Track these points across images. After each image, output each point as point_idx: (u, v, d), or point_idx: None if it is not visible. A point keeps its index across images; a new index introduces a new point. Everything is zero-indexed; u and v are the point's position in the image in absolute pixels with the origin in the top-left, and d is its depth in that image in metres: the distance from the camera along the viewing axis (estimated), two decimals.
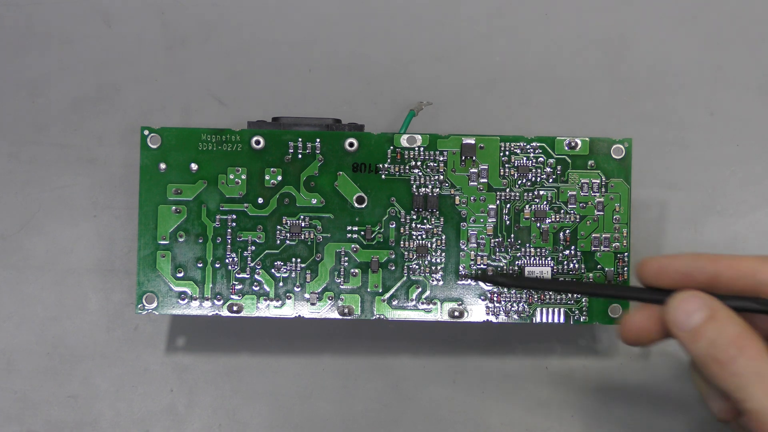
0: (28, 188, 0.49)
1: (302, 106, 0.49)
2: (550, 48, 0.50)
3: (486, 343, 0.48)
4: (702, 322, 0.37)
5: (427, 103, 0.47)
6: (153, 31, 0.50)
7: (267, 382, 0.48)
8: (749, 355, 0.36)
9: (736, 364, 0.36)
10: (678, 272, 0.38)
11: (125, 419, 0.48)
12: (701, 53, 0.50)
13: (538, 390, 0.48)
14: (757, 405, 0.35)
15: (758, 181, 0.49)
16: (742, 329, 0.36)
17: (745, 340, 0.36)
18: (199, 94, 0.50)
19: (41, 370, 0.48)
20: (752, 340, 0.36)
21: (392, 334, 0.48)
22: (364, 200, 0.44)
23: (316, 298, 0.44)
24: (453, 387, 0.48)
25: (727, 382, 0.36)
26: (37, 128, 0.49)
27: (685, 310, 0.37)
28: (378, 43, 0.50)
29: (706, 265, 0.38)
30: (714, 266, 0.38)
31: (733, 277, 0.37)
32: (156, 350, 0.48)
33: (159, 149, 0.44)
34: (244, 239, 0.44)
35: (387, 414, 0.48)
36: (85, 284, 0.48)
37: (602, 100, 0.49)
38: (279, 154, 0.44)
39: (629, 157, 0.44)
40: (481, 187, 0.44)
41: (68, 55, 0.50)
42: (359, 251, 0.44)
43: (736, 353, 0.36)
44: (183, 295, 0.44)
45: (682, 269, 0.38)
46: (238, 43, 0.50)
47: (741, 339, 0.36)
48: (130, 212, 0.48)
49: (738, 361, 0.36)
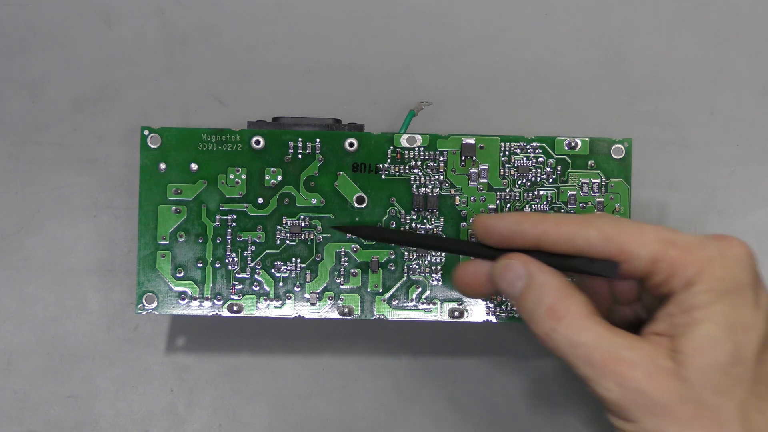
0: (28, 188, 0.49)
1: (302, 106, 0.49)
2: (550, 48, 0.50)
3: (486, 343, 0.48)
4: (522, 291, 0.37)
5: (427, 103, 0.47)
6: (153, 31, 0.50)
7: (267, 382, 0.48)
8: (563, 327, 0.35)
9: (552, 339, 0.36)
10: (502, 234, 0.38)
11: (125, 419, 0.48)
12: (701, 53, 0.50)
13: (537, 390, 0.48)
14: (580, 373, 0.35)
15: (758, 181, 0.49)
16: (558, 295, 0.36)
17: (560, 308, 0.36)
18: (199, 94, 0.50)
19: (41, 370, 0.48)
20: (568, 306, 0.36)
21: (392, 334, 0.48)
22: (364, 200, 0.44)
23: (316, 298, 0.44)
24: (453, 387, 0.48)
25: (554, 353, 0.36)
26: (37, 128, 0.49)
27: (507, 279, 0.37)
28: (378, 43, 0.50)
29: (528, 228, 0.37)
30: (538, 228, 0.37)
31: (555, 240, 0.37)
32: (156, 350, 0.48)
33: (159, 149, 0.44)
34: (244, 239, 0.44)
35: (387, 414, 0.48)
36: (85, 284, 0.48)
37: (602, 100, 0.49)
38: (279, 154, 0.44)
39: (629, 157, 0.44)
40: (481, 187, 0.44)
41: (68, 55, 0.50)
42: (359, 251, 0.44)
43: (552, 326, 0.36)
44: (183, 295, 0.44)
45: (507, 230, 0.38)
46: (238, 43, 0.50)
47: (555, 308, 0.36)
48: (130, 212, 0.48)
49: (553, 335, 0.36)
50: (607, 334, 0.35)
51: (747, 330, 0.34)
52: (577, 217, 0.37)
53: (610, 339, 0.35)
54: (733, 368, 0.34)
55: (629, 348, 0.35)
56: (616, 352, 0.35)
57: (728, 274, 0.35)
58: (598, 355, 0.35)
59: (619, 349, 0.35)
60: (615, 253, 0.36)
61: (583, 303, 0.36)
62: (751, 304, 0.35)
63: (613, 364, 0.34)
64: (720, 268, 0.35)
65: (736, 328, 0.34)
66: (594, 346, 0.35)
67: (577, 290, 0.37)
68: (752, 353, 0.34)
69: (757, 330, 0.35)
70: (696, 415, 0.34)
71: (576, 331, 0.35)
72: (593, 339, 0.35)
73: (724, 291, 0.35)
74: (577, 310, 0.36)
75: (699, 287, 0.35)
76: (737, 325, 0.34)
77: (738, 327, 0.34)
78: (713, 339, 0.34)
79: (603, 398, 0.35)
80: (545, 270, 0.37)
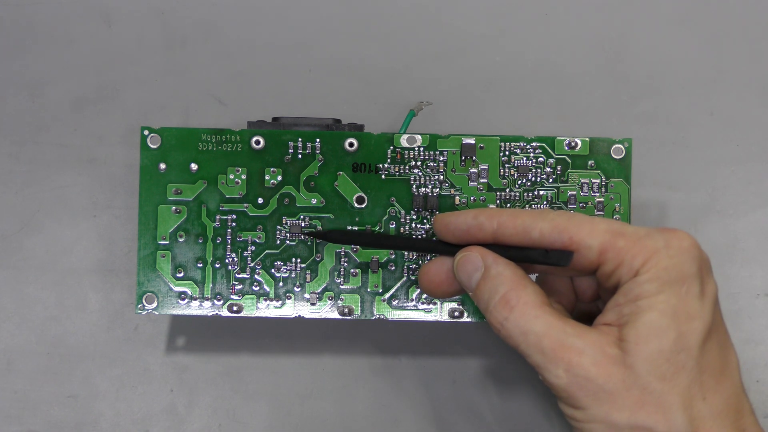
0: (28, 188, 0.49)
1: (302, 106, 0.49)
2: (550, 48, 0.50)
3: (486, 343, 0.48)
4: (478, 282, 0.38)
5: (427, 103, 0.47)
6: (153, 31, 0.50)
7: (267, 382, 0.48)
8: (515, 316, 0.36)
9: (506, 328, 0.37)
10: (462, 229, 0.39)
11: (125, 419, 0.48)
12: (701, 53, 0.50)
13: (538, 390, 0.48)
14: (531, 361, 0.36)
15: (758, 181, 0.49)
16: (511, 285, 0.37)
17: (512, 298, 0.37)
18: (199, 94, 0.50)
19: (41, 370, 0.48)
20: (520, 297, 0.37)
21: (392, 334, 0.48)
22: (364, 200, 0.44)
23: (316, 298, 0.44)
24: (453, 387, 0.48)
25: (507, 342, 0.37)
26: (37, 128, 0.49)
27: (465, 271, 0.38)
28: (378, 43, 0.50)
29: (485, 222, 0.38)
30: (493, 222, 0.38)
31: (511, 232, 0.38)
32: (156, 350, 0.48)
33: (159, 149, 0.44)
34: (244, 239, 0.44)
35: (387, 414, 0.48)
36: (85, 284, 0.49)
37: (602, 100, 0.49)
38: (279, 154, 0.44)
39: (629, 157, 0.44)
40: (481, 187, 0.44)
41: (68, 55, 0.50)
42: (359, 251, 0.44)
43: (505, 316, 0.36)
44: (183, 295, 0.44)
45: (465, 226, 0.39)
46: (238, 43, 0.50)
47: (508, 297, 0.37)
48: (130, 212, 0.48)
49: (506, 324, 0.36)
50: (558, 323, 0.36)
51: (691, 319, 0.35)
52: (531, 211, 0.38)
53: (559, 327, 0.36)
54: (677, 356, 0.35)
55: (578, 336, 0.36)
56: (565, 340, 0.35)
57: (673, 263, 0.35)
58: (547, 342, 0.36)
59: (568, 337, 0.35)
60: (567, 244, 0.37)
61: (536, 293, 0.37)
62: (695, 294, 0.36)
63: (561, 352, 0.35)
64: (665, 258, 0.35)
65: (680, 317, 0.35)
66: (544, 334, 0.36)
67: (531, 281, 0.38)
68: (696, 342, 0.35)
69: (701, 319, 0.35)
70: (641, 402, 0.35)
71: (527, 319, 0.36)
72: (544, 327, 0.36)
73: (668, 280, 0.35)
74: (529, 300, 0.37)
75: (644, 276, 0.35)
76: (681, 314, 0.35)
77: (682, 316, 0.35)
78: (657, 327, 0.35)
79: (552, 385, 0.36)
80: (500, 261, 0.38)
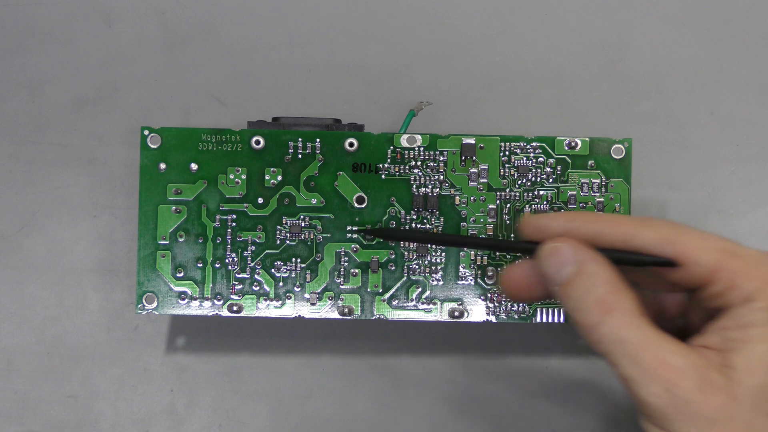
0: (28, 188, 0.49)
1: (302, 106, 0.49)
2: (550, 48, 0.50)
3: (486, 343, 0.48)
4: (570, 277, 0.35)
5: (427, 103, 0.47)
6: (153, 31, 0.50)
7: (267, 382, 0.48)
8: (612, 321, 0.34)
9: (598, 332, 0.34)
10: (555, 233, 0.36)
11: (125, 419, 0.48)
12: (701, 53, 0.50)
13: (538, 390, 0.48)
14: (622, 372, 0.33)
15: (758, 181, 0.49)
16: (609, 288, 0.34)
17: (610, 302, 0.34)
18: (199, 94, 0.50)
19: (41, 370, 0.48)
20: (618, 301, 0.34)
21: (392, 334, 0.48)
22: (364, 200, 0.44)
23: (316, 298, 0.44)
24: (453, 387, 0.48)
25: (593, 347, 0.34)
26: (37, 128, 0.49)
27: (556, 262, 0.36)
28: (378, 43, 0.50)
29: (582, 226, 0.36)
30: (591, 227, 0.36)
31: (610, 240, 0.35)
32: (156, 350, 0.48)
33: (159, 149, 0.44)
34: (244, 239, 0.44)
35: (387, 414, 0.48)
36: (85, 284, 0.48)
37: (602, 100, 0.49)
38: (279, 154, 0.44)
39: (629, 157, 0.44)
40: (481, 187, 0.44)
41: (68, 55, 0.50)
42: (359, 251, 0.44)
43: (599, 319, 0.34)
44: (183, 295, 0.44)
45: (559, 229, 0.36)
46: (238, 43, 0.50)
47: (605, 301, 0.34)
48: (130, 212, 0.48)
49: (600, 328, 0.34)
50: (656, 337, 0.33)
51: None
52: (633, 218, 0.36)
53: (659, 342, 0.33)
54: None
55: (680, 355, 0.33)
56: (666, 357, 0.33)
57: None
58: (646, 356, 0.33)
59: (669, 355, 0.33)
60: (672, 258, 0.34)
61: (634, 300, 0.34)
62: None
63: (661, 369, 0.33)
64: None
65: None
66: (643, 346, 0.33)
67: (629, 287, 0.35)
68: None
69: None
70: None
71: (625, 327, 0.34)
72: (642, 339, 0.33)
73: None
74: (627, 306, 0.34)
75: (759, 304, 0.33)
76: None
77: None
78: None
79: (646, 403, 0.33)
80: (598, 259, 0.35)
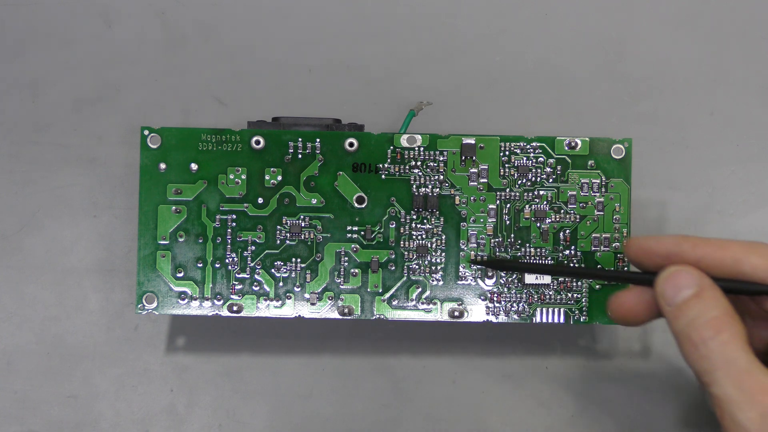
0: (28, 188, 0.49)
1: (302, 106, 0.49)
2: (550, 48, 0.50)
3: (486, 343, 0.48)
4: (688, 299, 0.36)
5: (427, 103, 0.47)
6: (153, 31, 0.50)
7: (267, 382, 0.48)
8: (722, 340, 0.35)
9: (707, 347, 0.35)
10: (661, 255, 0.38)
11: (125, 419, 0.48)
12: (701, 53, 0.50)
13: (538, 390, 0.48)
14: (721, 392, 0.35)
15: (758, 181, 0.49)
16: (724, 312, 0.36)
17: (724, 323, 0.35)
18: (199, 94, 0.50)
19: (41, 370, 0.48)
20: (731, 325, 0.35)
21: (392, 334, 0.48)
22: (364, 200, 0.44)
23: (316, 298, 0.44)
24: (453, 387, 0.48)
25: (696, 364, 0.35)
26: (37, 128, 0.49)
27: (675, 284, 0.37)
28: (378, 43, 0.50)
29: (689, 250, 0.37)
30: (698, 251, 0.37)
31: (717, 264, 0.37)
32: (156, 350, 0.48)
33: (159, 149, 0.44)
34: (244, 239, 0.44)
35: (387, 414, 0.48)
36: (85, 284, 0.48)
37: (602, 100, 0.49)
38: (279, 154, 0.44)
39: (629, 157, 0.44)
40: (481, 187, 0.44)
41: (68, 55, 0.50)
42: (359, 251, 0.44)
43: (711, 335, 0.35)
44: (183, 295, 0.44)
45: (665, 252, 0.38)
46: (238, 43, 0.50)
47: (719, 321, 0.35)
48: (130, 212, 0.48)
49: (709, 344, 0.35)
50: (760, 366, 0.35)
51: None
52: (740, 242, 0.37)
53: (763, 371, 0.34)
54: None
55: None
56: None
57: None
58: (749, 381, 0.34)
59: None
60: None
61: (744, 330, 0.36)
62: None
63: (762, 395, 0.34)
64: None
65: None
66: (748, 370, 0.34)
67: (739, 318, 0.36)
68: None
69: None
70: None
71: (735, 349, 0.35)
72: (748, 364, 0.34)
73: None
74: (738, 332, 0.35)
75: None
76: None
77: None
78: None
79: (739, 425, 0.34)
80: (716, 287, 0.36)
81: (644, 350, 0.48)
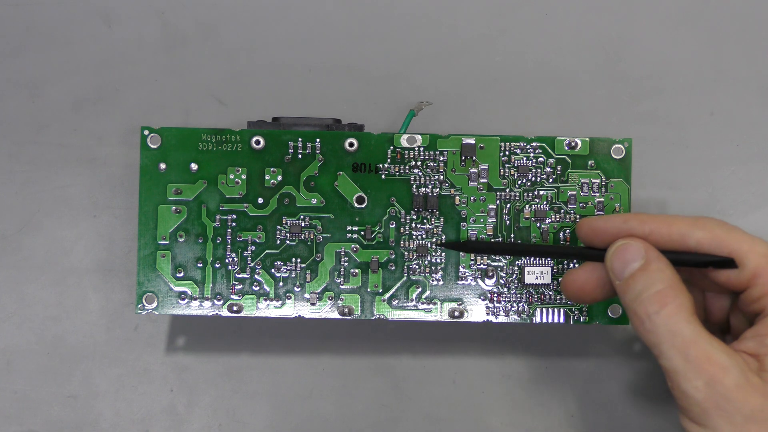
0: (28, 188, 0.49)
1: (302, 106, 0.49)
2: (550, 48, 0.50)
3: (486, 343, 0.48)
4: (634, 272, 0.37)
5: (427, 103, 0.47)
6: (153, 31, 0.50)
7: (267, 382, 0.48)
8: (666, 313, 0.35)
9: (652, 321, 0.36)
10: (611, 233, 0.38)
11: (125, 419, 0.48)
12: (701, 53, 0.50)
13: (538, 390, 0.48)
14: (668, 363, 0.35)
15: (758, 181, 0.49)
16: (669, 285, 0.36)
17: (668, 296, 0.36)
18: (199, 94, 0.50)
19: (41, 370, 0.48)
20: (675, 297, 0.36)
21: (392, 334, 0.48)
22: (364, 200, 0.44)
23: (316, 298, 0.44)
24: (453, 387, 0.48)
25: (645, 338, 0.36)
26: (37, 128, 0.49)
27: (623, 258, 0.38)
28: (378, 43, 0.50)
29: (637, 226, 0.38)
30: (645, 227, 0.38)
31: (665, 238, 0.37)
32: (156, 350, 0.48)
33: (159, 149, 0.44)
34: (244, 239, 0.44)
35: (387, 414, 0.48)
36: (85, 284, 0.48)
37: (602, 100, 0.49)
38: (279, 154, 0.44)
39: (629, 157, 0.44)
40: (481, 187, 0.44)
41: (68, 55, 0.50)
42: (359, 251, 0.44)
43: (655, 309, 0.36)
44: (183, 295, 0.44)
45: (614, 229, 0.38)
46: (238, 43, 0.50)
47: (663, 295, 0.36)
48: (130, 212, 0.48)
49: (654, 318, 0.36)
50: (705, 334, 0.35)
51: None
52: (686, 218, 0.38)
53: (707, 339, 0.35)
54: None
55: (725, 353, 0.35)
56: (713, 354, 0.35)
57: None
58: (694, 350, 0.35)
59: (715, 352, 0.35)
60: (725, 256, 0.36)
61: (690, 300, 0.36)
62: None
63: (707, 364, 0.34)
64: None
65: None
66: (692, 340, 0.35)
67: (686, 288, 0.37)
68: None
69: None
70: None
71: (679, 321, 0.35)
72: (693, 334, 0.35)
73: None
74: (683, 303, 0.36)
75: None
76: None
77: None
78: None
79: (686, 395, 0.35)
80: (663, 259, 0.37)
81: (644, 350, 0.48)
